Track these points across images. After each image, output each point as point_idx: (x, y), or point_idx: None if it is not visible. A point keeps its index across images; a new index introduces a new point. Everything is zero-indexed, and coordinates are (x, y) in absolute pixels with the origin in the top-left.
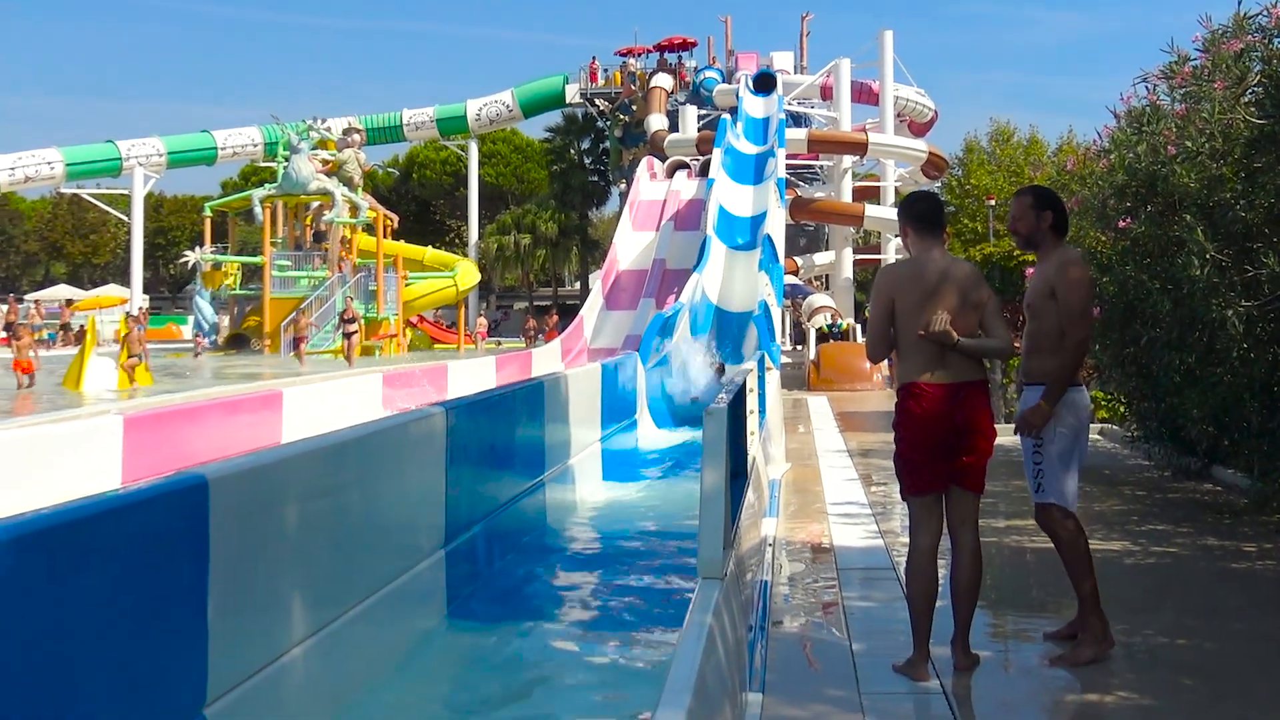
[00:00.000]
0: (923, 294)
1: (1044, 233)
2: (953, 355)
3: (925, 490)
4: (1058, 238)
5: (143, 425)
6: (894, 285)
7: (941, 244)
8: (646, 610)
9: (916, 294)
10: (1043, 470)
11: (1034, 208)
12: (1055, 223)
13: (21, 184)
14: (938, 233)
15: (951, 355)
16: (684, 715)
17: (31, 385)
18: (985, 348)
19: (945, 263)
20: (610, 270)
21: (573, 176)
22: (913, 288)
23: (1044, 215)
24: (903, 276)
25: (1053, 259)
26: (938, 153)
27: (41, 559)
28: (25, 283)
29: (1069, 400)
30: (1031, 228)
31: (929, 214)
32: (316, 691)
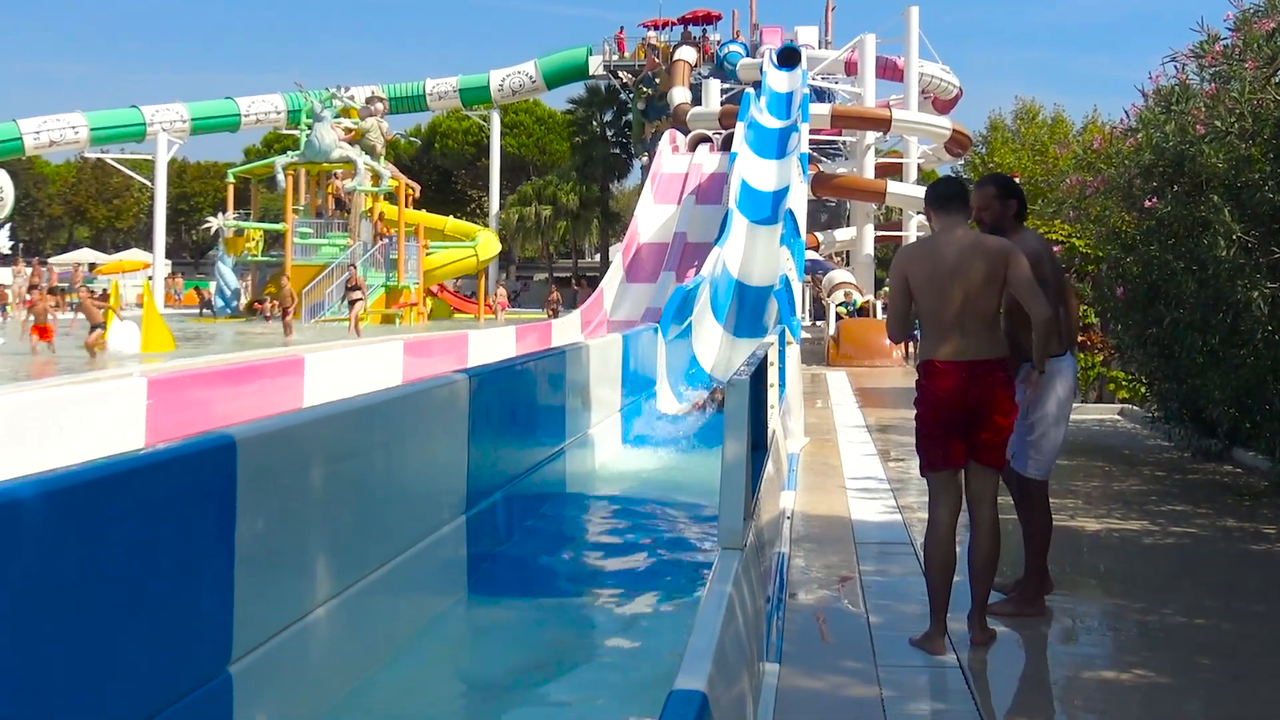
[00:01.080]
0: (937, 271)
1: (1009, 220)
2: (970, 334)
3: (941, 466)
4: (1019, 225)
5: (166, 387)
6: (908, 264)
7: (964, 222)
8: (665, 578)
9: (931, 272)
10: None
11: (998, 197)
12: (1018, 211)
13: (46, 148)
14: (959, 211)
15: (969, 334)
16: (705, 682)
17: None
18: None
19: (965, 240)
20: (631, 243)
21: (594, 148)
22: (927, 266)
23: (1008, 204)
24: (917, 255)
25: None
26: (961, 130)
27: (73, 515)
28: (49, 246)
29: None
30: (997, 216)
31: (949, 193)
32: (338, 652)
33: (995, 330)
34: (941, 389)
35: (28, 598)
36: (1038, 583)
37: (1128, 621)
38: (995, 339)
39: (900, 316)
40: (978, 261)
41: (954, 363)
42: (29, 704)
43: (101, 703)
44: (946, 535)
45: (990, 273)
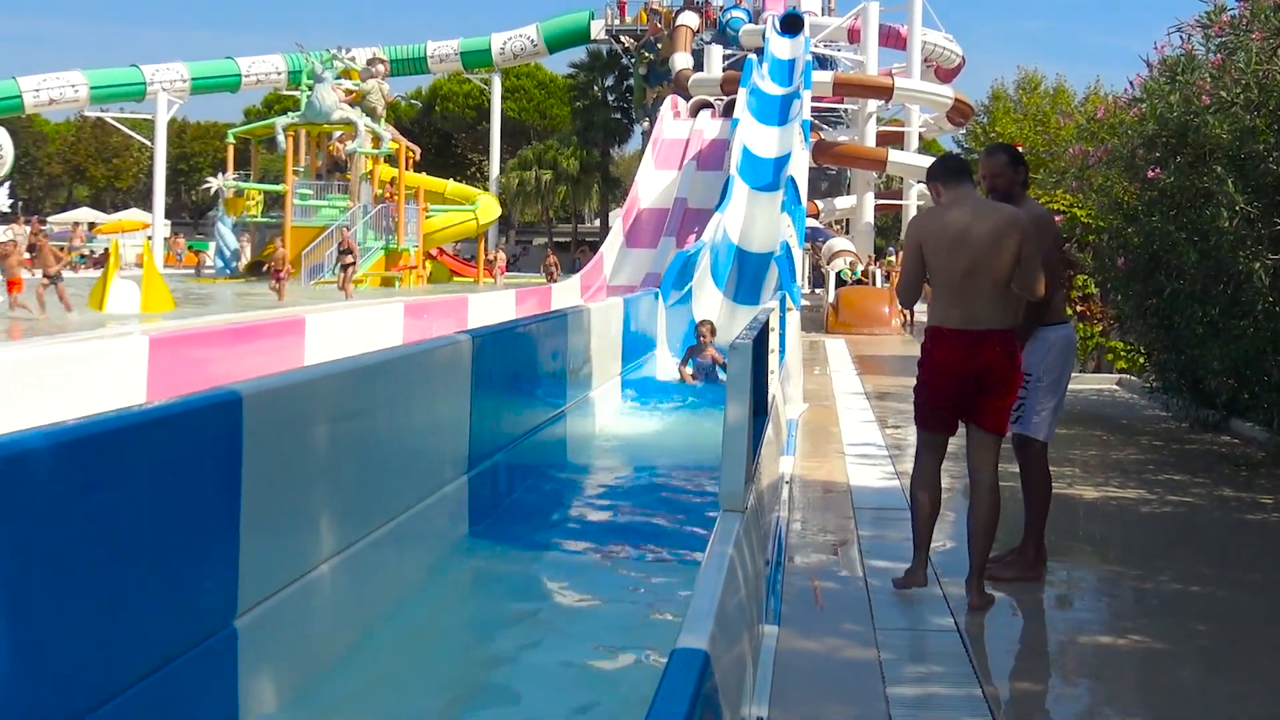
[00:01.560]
0: (949, 239)
1: (1018, 187)
2: (979, 302)
3: (933, 430)
4: (1024, 193)
5: (168, 346)
6: (922, 232)
7: (974, 191)
8: (665, 541)
9: (943, 239)
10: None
11: (1010, 165)
12: (1025, 179)
13: (46, 106)
14: (967, 182)
15: (977, 302)
16: (706, 641)
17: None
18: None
19: (980, 208)
20: (631, 208)
21: (595, 113)
22: (942, 232)
23: (1019, 171)
24: (932, 222)
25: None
26: (964, 99)
27: (81, 467)
28: (48, 205)
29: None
30: (1009, 182)
31: (955, 164)
32: (341, 608)
33: (1007, 299)
34: (945, 355)
35: (36, 550)
36: (1036, 547)
37: (1124, 588)
38: (1006, 308)
39: (913, 283)
40: (993, 229)
41: (960, 330)
42: (36, 656)
43: (109, 655)
44: (931, 478)
45: (1005, 242)
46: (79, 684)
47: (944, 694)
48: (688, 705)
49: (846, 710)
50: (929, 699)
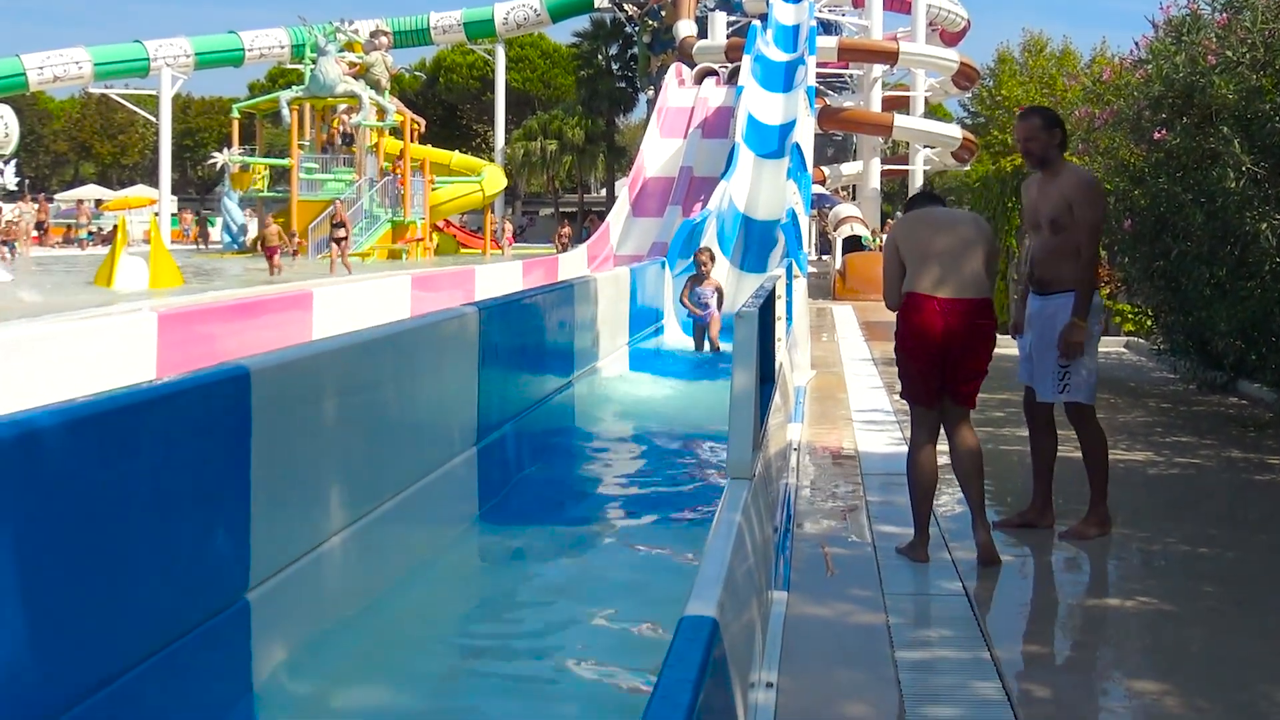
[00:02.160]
0: (926, 228)
1: (1054, 150)
2: (957, 272)
3: (922, 403)
4: (1061, 156)
5: (177, 322)
6: (899, 234)
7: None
8: (673, 508)
9: (919, 231)
10: (1070, 371)
11: (1044, 128)
12: (1061, 140)
13: (50, 83)
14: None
15: (956, 271)
16: (715, 608)
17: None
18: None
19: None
20: (637, 177)
21: (600, 82)
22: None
23: (1054, 133)
24: (906, 225)
25: (1066, 176)
26: (969, 63)
27: (93, 442)
28: (54, 182)
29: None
30: (1044, 146)
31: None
32: (352, 581)
33: (980, 273)
34: (923, 321)
35: (51, 524)
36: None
37: (1131, 551)
38: (980, 280)
39: (895, 284)
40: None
41: (937, 298)
42: (53, 629)
43: (123, 628)
44: (926, 455)
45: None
46: (95, 656)
47: (952, 657)
48: (696, 672)
49: (855, 675)
50: (937, 663)
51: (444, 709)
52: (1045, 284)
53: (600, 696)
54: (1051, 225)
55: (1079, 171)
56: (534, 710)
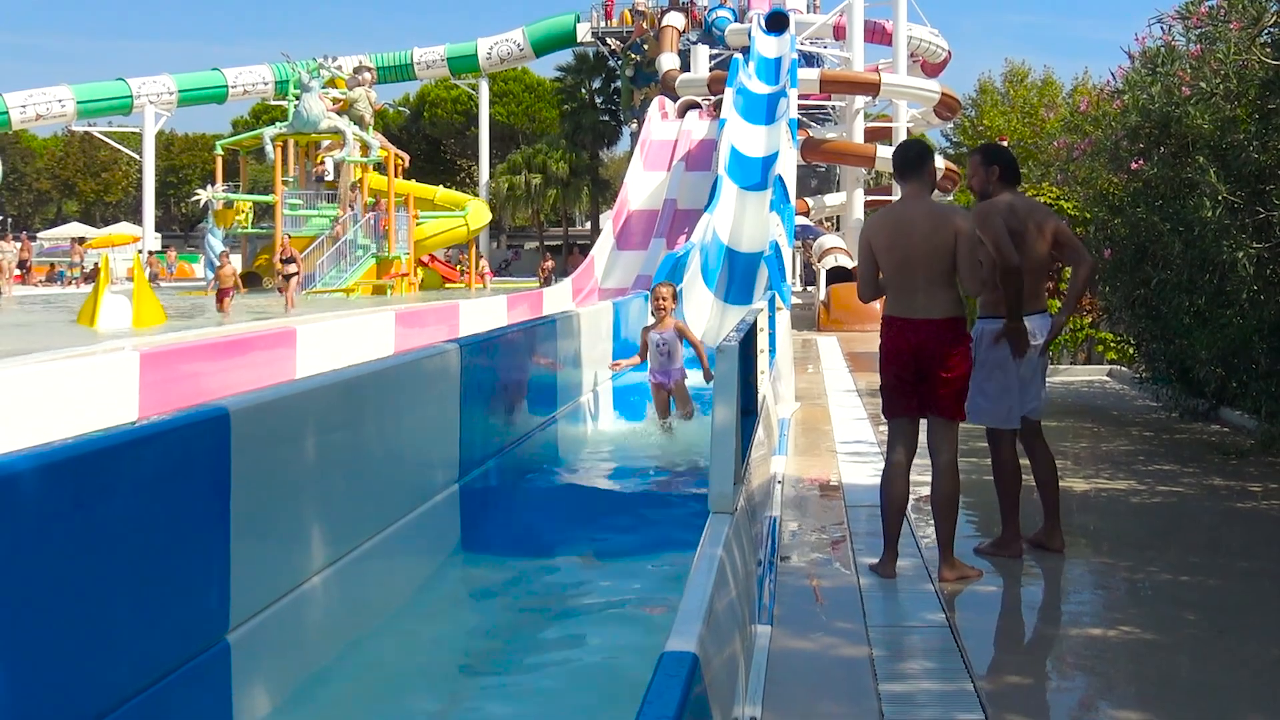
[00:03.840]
0: (897, 237)
1: (994, 184)
2: (923, 294)
3: (898, 414)
4: (1006, 187)
5: (159, 361)
6: (873, 232)
7: (923, 187)
8: (658, 544)
9: (892, 237)
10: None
11: (983, 164)
12: (1003, 175)
13: (33, 121)
14: (913, 176)
15: (922, 293)
16: (695, 643)
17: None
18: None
19: (922, 209)
20: (621, 210)
21: (584, 116)
22: (888, 232)
23: (991, 169)
24: (880, 223)
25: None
26: (950, 94)
27: (68, 486)
28: (38, 220)
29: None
30: (983, 182)
31: (900, 161)
32: (334, 621)
33: (950, 290)
34: (894, 342)
35: (27, 569)
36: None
37: (1115, 579)
38: (949, 299)
39: (868, 279)
40: (931, 229)
41: (906, 319)
42: (29, 674)
43: (102, 672)
44: (900, 475)
45: (940, 240)
46: (73, 700)
47: (936, 689)
48: (675, 708)
49: (839, 708)
50: (921, 695)
51: None
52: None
53: None
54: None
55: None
56: None
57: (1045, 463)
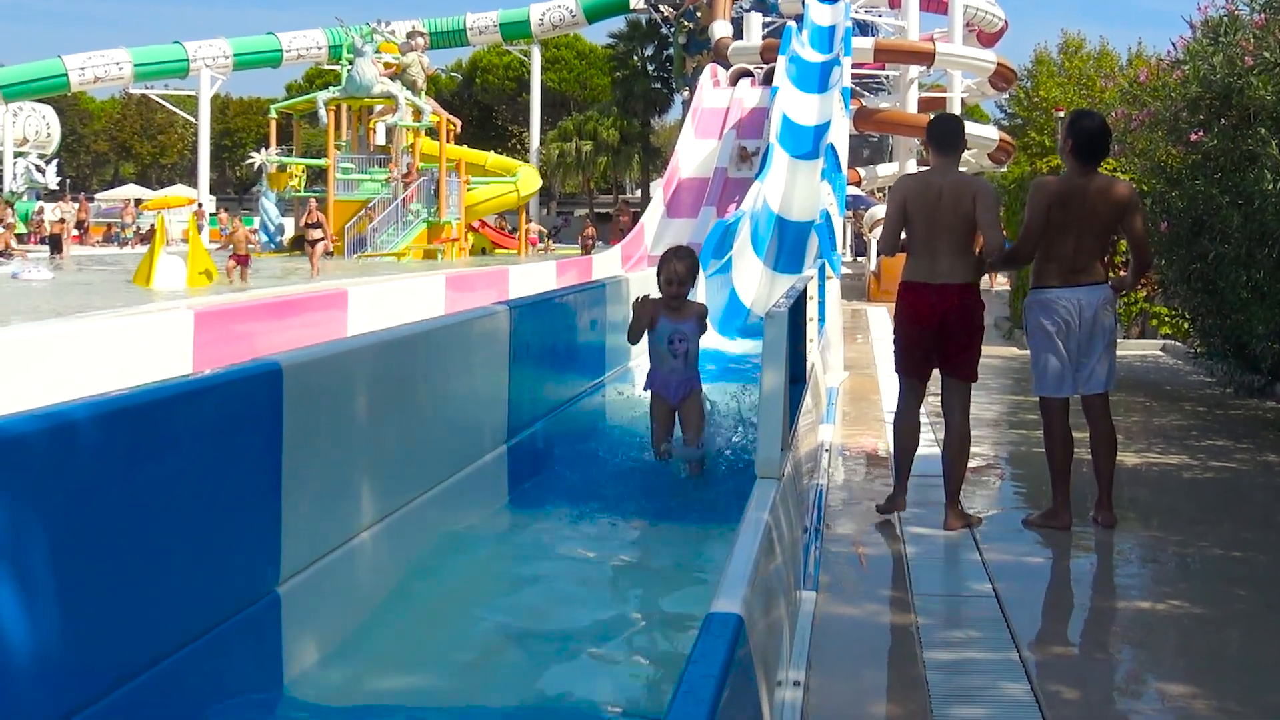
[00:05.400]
0: (925, 203)
1: (1066, 155)
2: (942, 259)
3: (907, 373)
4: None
5: (213, 320)
6: (906, 192)
7: (953, 161)
8: (703, 509)
9: (922, 201)
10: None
11: (1065, 132)
12: (1075, 148)
13: (91, 84)
14: (949, 151)
15: (941, 259)
16: (741, 605)
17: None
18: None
19: (951, 178)
20: (671, 178)
21: (635, 83)
22: (921, 195)
23: (1067, 140)
24: (914, 186)
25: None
26: (1006, 64)
27: (125, 436)
28: (95, 182)
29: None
30: (1061, 150)
31: (938, 136)
32: (381, 576)
33: (969, 257)
34: (911, 305)
35: (84, 516)
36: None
37: (1165, 554)
38: (968, 265)
39: (893, 233)
40: (955, 198)
41: (923, 284)
42: (86, 621)
43: (157, 620)
44: (910, 419)
45: (965, 207)
46: (128, 648)
47: (981, 658)
48: (720, 668)
49: (884, 675)
50: (966, 663)
51: (473, 693)
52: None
53: (627, 687)
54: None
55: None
56: (562, 697)
57: (1101, 436)
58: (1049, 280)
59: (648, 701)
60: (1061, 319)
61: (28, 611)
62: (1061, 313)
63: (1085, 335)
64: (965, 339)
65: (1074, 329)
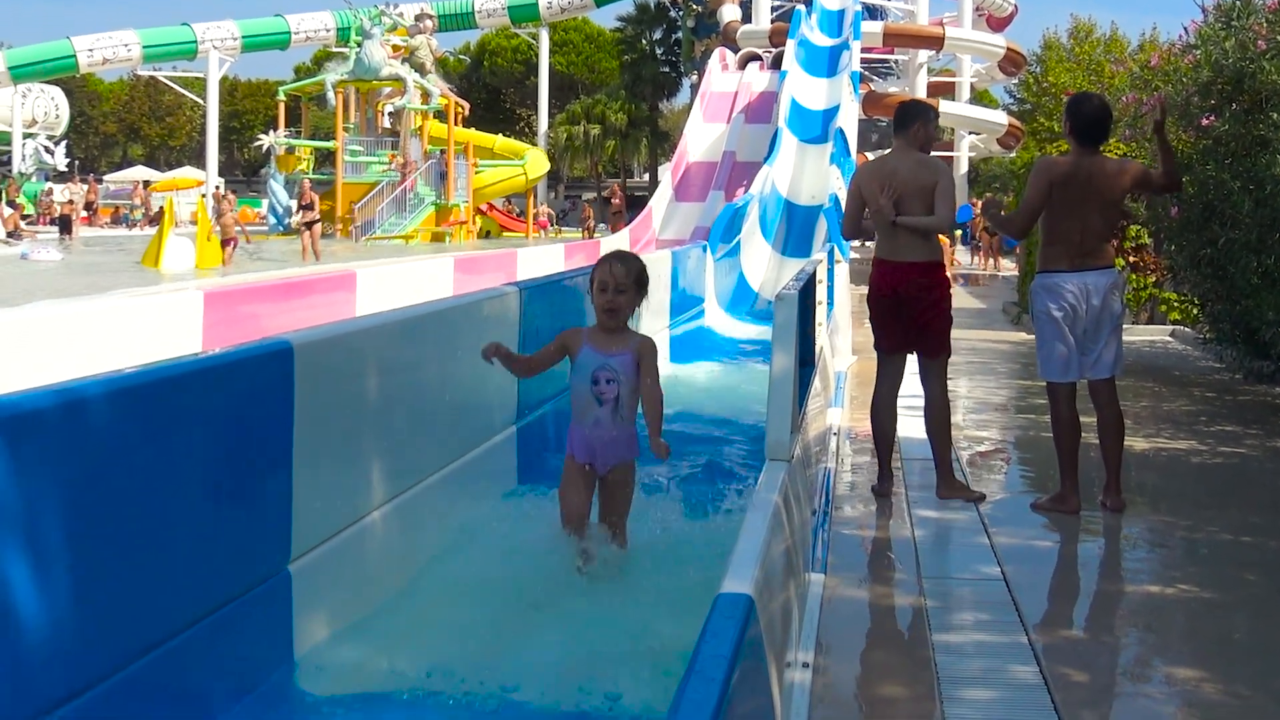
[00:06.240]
0: (880, 183)
1: (1067, 137)
2: (902, 238)
3: (884, 349)
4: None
5: (222, 300)
6: (864, 178)
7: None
8: (712, 490)
9: (876, 184)
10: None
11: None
12: (1073, 129)
13: (100, 65)
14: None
15: (901, 238)
16: (751, 586)
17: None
18: (921, 223)
19: (907, 159)
20: (680, 162)
21: (644, 67)
22: (874, 179)
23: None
24: (867, 171)
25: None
26: (1015, 49)
27: (137, 412)
28: (103, 163)
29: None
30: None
31: (896, 118)
32: (392, 555)
33: (927, 236)
34: (878, 282)
35: (97, 493)
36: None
37: (1174, 539)
38: (927, 244)
39: (851, 218)
40: (912, 177)
41: (888, 261)
42: (100, 596)
43: (169, 596)
44: (885, 403)
45: (921, 185)
46: (139, 624)
47: (990, 641)
48: (731, 648)
49: (892, 657)
50: (973, 646)
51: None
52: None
53: (639, 666)
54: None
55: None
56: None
57: (1109, 421)
58: (1057, 264)
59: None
60: (1069, 303)
61: (40, 586)
62: (1069, 297)
63: (1093, 320)
64: (925, 315)
65: (1081, 314)
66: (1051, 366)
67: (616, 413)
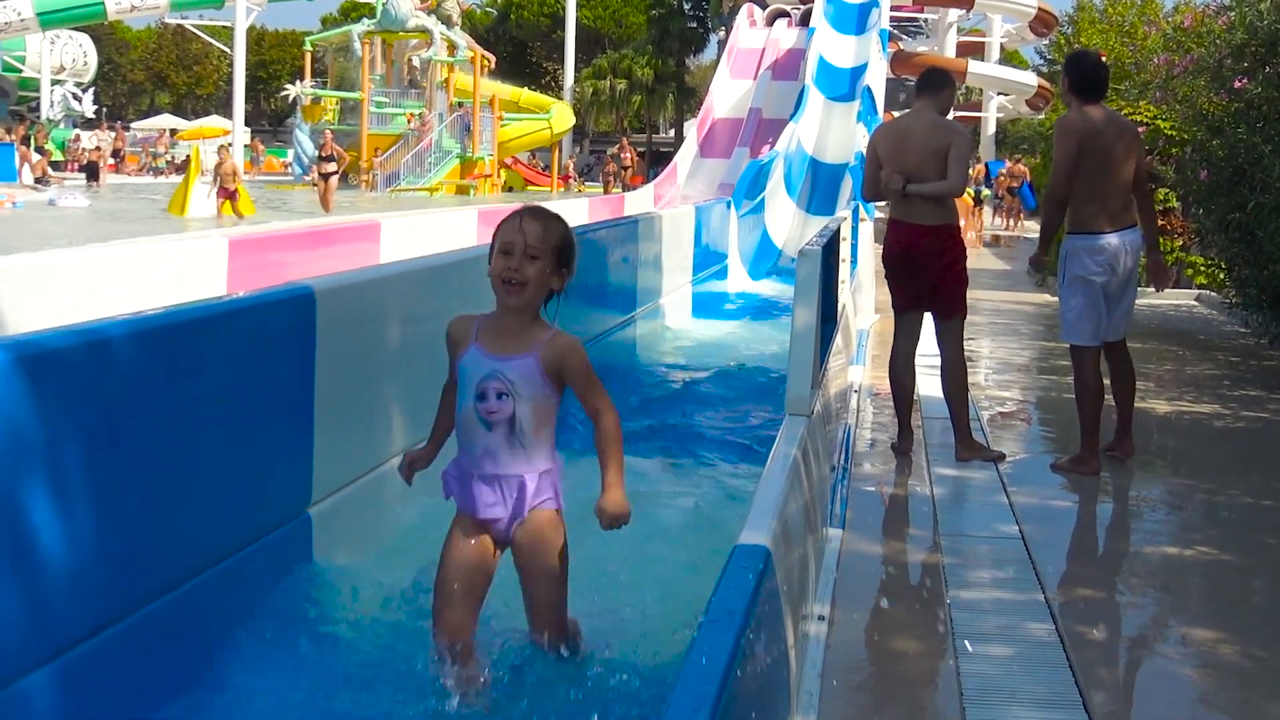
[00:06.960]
0: (896, 144)
1: (1065, 94)
2: (915, 201)
3: (898, 307)
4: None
5: (247, 248)
6: (880, 140)
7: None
8: (732, 444)
9: (892, 144)
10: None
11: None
12: (1071, 85)
13: (128, 13)
14: (926, 96)
15: (914, 201)
16: (768, 538)
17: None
18: (932, 189)
19: (925, 123)
20: (706, 118)
21: (671, 22)
22: (892, 141)
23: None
24: (887, 132)
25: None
26: (1047, 9)
27: (161, 353)
28: (131, 111)
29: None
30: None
31: (919, 81)
32: (409, 502)
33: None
34: (892, 243)
35: (120, 432)
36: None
37: (1194, 501)
38: (940, 208)
39: (869, 179)
40: (926, 139)
41: (902, 222)
42: (120, 536)
43: (192, 534)
44: (903, 362)
45: (922, 148)
46: (160, 564)
47: (1006, 598)
48: (748, 599)
49: (908, 612)
50: (990, 602)
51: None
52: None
53: (658, 619)
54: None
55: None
56: (592, 629)
57: (1123, 376)
58: (1099, 225)
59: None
60: (1109, 264)
61: (64, 524)
62: (1109, 258)
63: (1124, 281)
64: (937, 277)
65: (1118, 274)
66: (1082, 330)
67: (513, 439)
